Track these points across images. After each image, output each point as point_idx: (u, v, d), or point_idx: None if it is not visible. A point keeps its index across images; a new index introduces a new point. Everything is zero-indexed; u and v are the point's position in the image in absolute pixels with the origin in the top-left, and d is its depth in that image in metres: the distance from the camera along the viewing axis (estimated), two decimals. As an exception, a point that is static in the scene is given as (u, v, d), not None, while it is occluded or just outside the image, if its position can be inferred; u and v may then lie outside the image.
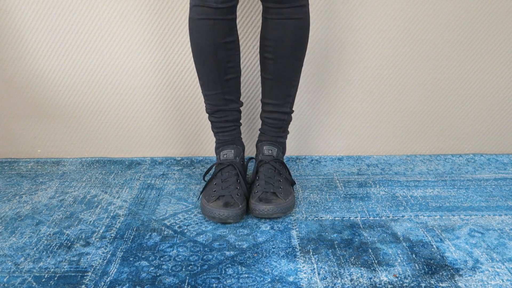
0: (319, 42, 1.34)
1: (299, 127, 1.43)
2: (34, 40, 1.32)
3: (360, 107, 1.41)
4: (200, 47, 1.07)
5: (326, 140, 1.44)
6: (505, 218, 1.09)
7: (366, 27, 1.32)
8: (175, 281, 0.87)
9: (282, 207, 1.07)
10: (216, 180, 1.12)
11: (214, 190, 1.10)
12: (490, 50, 1.36)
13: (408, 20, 1.32)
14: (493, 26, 1.33)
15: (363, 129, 1.44)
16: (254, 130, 1.43)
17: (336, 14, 1.31)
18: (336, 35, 1.33)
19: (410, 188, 1.24)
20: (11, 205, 1.16)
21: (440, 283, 0.86)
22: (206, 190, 1.12)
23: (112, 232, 1.03)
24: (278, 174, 1.14)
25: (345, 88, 1.39)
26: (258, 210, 1.06)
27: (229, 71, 1.11)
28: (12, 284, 0.86)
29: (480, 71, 1.38)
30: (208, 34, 1.04)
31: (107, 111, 1.40)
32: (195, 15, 1.04)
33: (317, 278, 0.88)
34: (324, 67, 1.36)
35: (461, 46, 1.35)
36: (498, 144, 1.46)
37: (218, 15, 1.02)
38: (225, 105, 1.14)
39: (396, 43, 1.34)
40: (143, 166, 1.38)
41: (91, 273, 0.89)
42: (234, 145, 1.18)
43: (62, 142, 1.44)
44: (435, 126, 1.44)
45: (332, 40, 1.34)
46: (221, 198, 1.07)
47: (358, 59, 1.36)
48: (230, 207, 1.05)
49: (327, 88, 1.39)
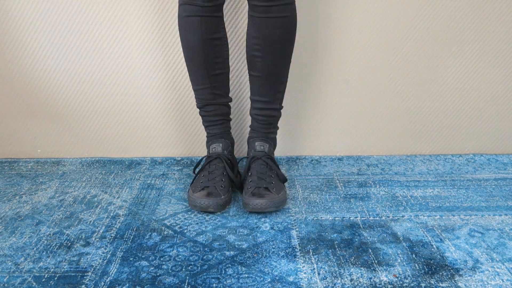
0: (319, 42, 1.34)
1: (299, 127, 1.43)
2: (34, 40, 1.32)
3: (360, 107, 1.41)
4: (189, 43, 1.12)
5: (326, 140, 1.44)
6: (505, 218, 1.09)
7: (366, 27, 1.32)
8: (175, 281, 0.87)
9: (275, 201, 1.09)
10: (203, 172, 1.16)
11: (201, 181, 1.14)
12: (490, 50, 1.36)
13: (408, 20, 1.32)
14: (493, 26, 1.33)
15: (363, 129, 1.44)
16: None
17: (336, 14, 1.31)
18: (336, 35, 1.33)
19: (410, 188, 1.24)
20: (11, 205, 1.16)
21: (440, 283, 0.86)
22: (194, 182, 1.16)
23: (112, 232, 1.03)
24: (270, 169, 1.16)
25: (345, 88, 1.39)
26: (251, 205, 1.08)
27: (217, 67, 1.15)
28: (12, 284, 0.86)
29: (480, 71, 1.38)
30: (196, 31, 1.09)
31: (107, 111, 1.40)
32: (183, 13, 1.09)
33: (317, 278, 0.88)
34: (324, 67, 1.36)
35: (461, 46, 1.35)
36: (498, 144, 1.46)
37: (205, 13, 1.07)
38: (213, 100, 1.18)
39: (396, 43, 1.34)
40: (143, 166, 1.38)
41: (91, 273, 0.89)
42: (223, 139, 1.22)
43: (62, 142, 1.44)
44: (435, 126, 1.44)
45: (332, 40, 1.34)
46: (205, 188, 1.11)
47: (358, 59, 1.36)
48: (212, 197, 1.09)
49: (327, 88, 1.39)
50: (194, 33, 1.10)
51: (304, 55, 1.35)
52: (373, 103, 1.41)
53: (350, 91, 1.39)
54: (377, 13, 1.31)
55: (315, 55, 1.35)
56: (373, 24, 1.32)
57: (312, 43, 1.34)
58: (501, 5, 1.31)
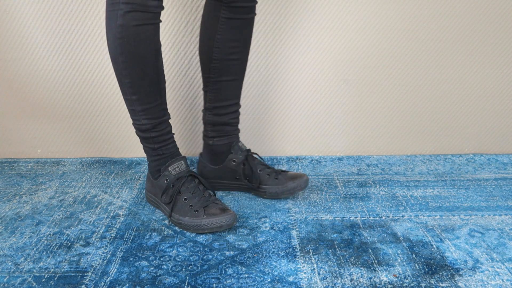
0: (318, 42, 1.34)
1: (299, 127, 1.43)
2: (34, 40, 1.32)
3: (360, 107, 1.41)
4: (139, 57, 0.97)
5: (326, 140, 1.44)
6: (505, 218, 1.09)
7: (365, 27, 1.32)
8: (175, 281, 0.87)
9: (306, 177, 1.17)
10: (184, 195, 1.05)
11: (191, 205, 1.04)
12: (490, 50, 1.36)
13: (408, 20, 1.32)
14: (493, 26, 1.33)
15: (363, 129, 1.44)
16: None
17: (336, 14, 1.31)
18: (335, 35, 1.33)
19: (410, 188, 1.24)
20: (11, 205, 1.16)
21: (440, 283, 0.86)
22: (178, 209, 1.04)
23: (112, 232, 1.03)
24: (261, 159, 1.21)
25: (344, 88, 1.39)
26: (293, 188, 1.14)
27: (164, 78, 1.04)
28: (12, 284, 0.86)
29: (480, 71, 1.38)
30: (150, 41, 0.96)
31: (107, 111, 1.40)
32: (132, 22, 0.93)
33: (317, 278, 0.88)
34: (324, 67, 1.36)
35: (461, 46, 1.35)
36: (498, 144, 1.46)
37: (157, 19, 0.96)
38: (163, 116, 1.06)
39: (396, 43, 1.34)
40: (143, 166, 1.38)
41: (91, 273, 0.89)
42: (180, 156, 1.10)
43: (62, 142, 1.44)
44: (435, 126, 1.44)
45: (332, 40, 1.34)
46: (207, 208, 1.03)
47: (357, 59, 1.36)
48: (227, 211, 1.02)
49: (327, 88, 1.39)
50: (147, 44, 0.96)
51: (304, 55, 1.35)
52: (373, 103, 1.41)
53: (350, 91, 1.39)
54: (377, 13, 1.31)
55: (315, 55, 1.35)
56: (373, 24, 1.32)
57: (312, 43, 1.34)
58: (500, 5, 1.31)
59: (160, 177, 1.08)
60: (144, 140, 1.08)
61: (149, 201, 1.16)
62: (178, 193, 1.06)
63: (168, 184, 1.07)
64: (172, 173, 1.07)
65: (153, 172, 1.11)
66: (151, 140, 1.07)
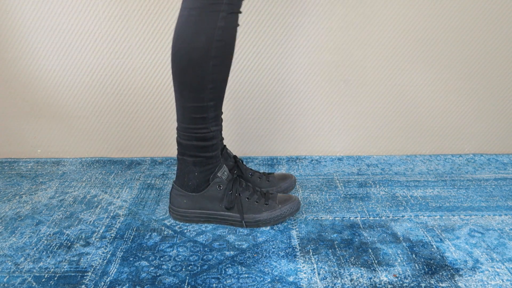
0: (318, 42, 1.34)
1: (299, 127, 1.43)
2: (34, 40, 1.32)
3: (360, 107, 1.41)
4: (229, 60, 0.96)
5: (326, 140, 1.44)
6: (505, 218, 1.09)
7: (365, 27, 1.32)
8: (175, 281, 0.87)
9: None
10: (243, 195, 1.04)
11: (256, 201, 1.04)
12: (490, 50, 1.36)
13: (408, 20, 1.32)
14: (493, 26, 1.33)
15: (363, 129, 1.44)
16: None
17: (336, 14, 1.31)
18: (335, 35, 1.33)
19: (410, 188, 1.24)
20: (11, 205, 1.16)
21: (440, 283, 0.86)
22: (248, 209, 1.03)
23: (112, 232, 1.03)
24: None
25: (344, 88, 1.39)
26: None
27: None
28: (12, 284, 0.86)
29: (480, 71, 1.38)
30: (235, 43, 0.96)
31: (107, 111, 1.40)
32: (233, 23, 0.92)
33: (317, 278, 0.88)
34: (323, 67, 1.36)
35: (461, 46, 1.35)
36: (498, 144, 1.46)
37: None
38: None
39: (395, 43, 1.34)
40: (143, 166, 1.38)
41: (91, 273, 0.89)
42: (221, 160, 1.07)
43: (62, 142, 1.44)
44: (435, 126, 1.44)
45: (331, 40, 1.34)
46: (271, 199, 1.05)
47: (357, 59, 1.36)
48: (288, 195, 1.08)
49: (327, 88, 1.39)
50: (234, 47, 0.96)
51: (303, 55, 1.35)
52: (373, 103, 1.41)
53: (350, 91, 1.39)
54: (376, 13, 1.31)
55: (315, 55, 1.35)
56: (372, 24, 1.32)
57: (312, 43, 1.34)
58: (500, 5, 1.31)
59: (209, 186, 1.03)
60: (203, 149, 1.00)
61: (187, 221, 1.06)
62: (238, 195, 1.03)
63: (224, 190, 1.02)
64: (223, 178, 1.02)
65: (200, 185, 1.03)
66: (211, 148, 1.01)
